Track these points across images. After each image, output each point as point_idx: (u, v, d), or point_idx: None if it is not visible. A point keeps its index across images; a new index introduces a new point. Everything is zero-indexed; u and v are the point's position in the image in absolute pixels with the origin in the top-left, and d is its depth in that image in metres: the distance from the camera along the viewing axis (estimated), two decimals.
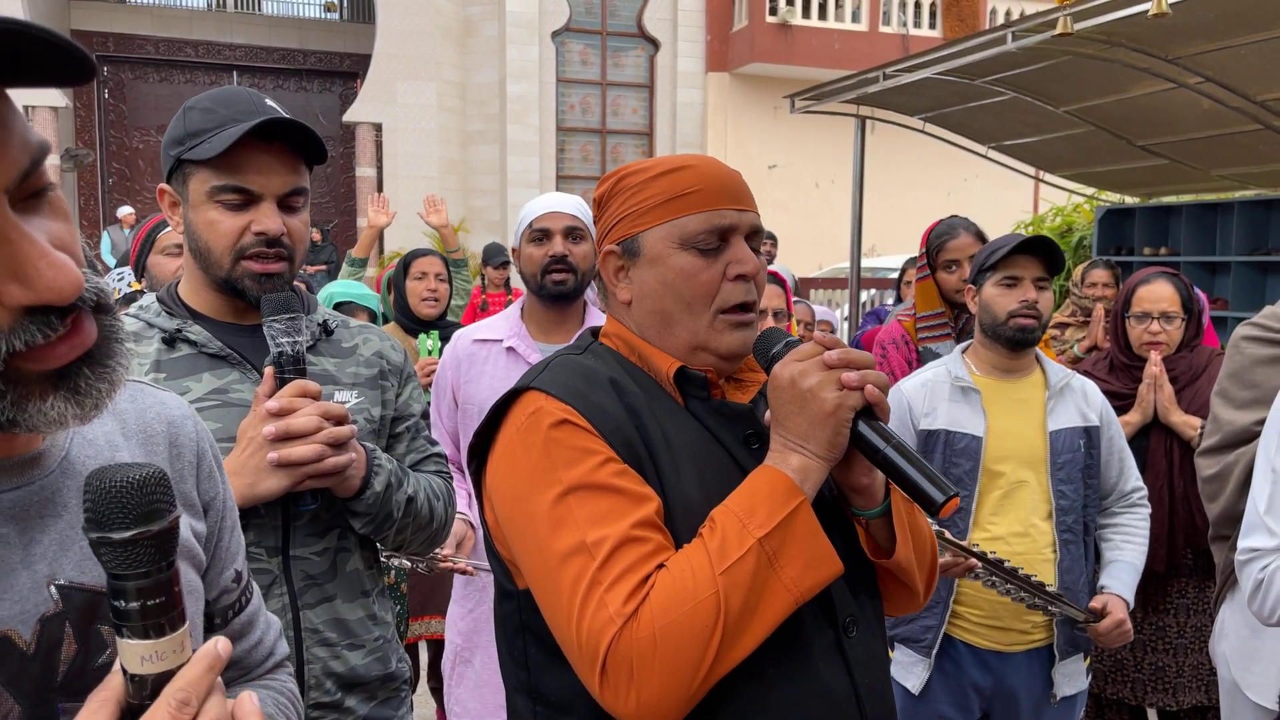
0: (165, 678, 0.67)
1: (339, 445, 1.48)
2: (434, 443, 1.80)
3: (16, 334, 0.63)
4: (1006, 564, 2.18)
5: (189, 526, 0.90)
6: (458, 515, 2.44)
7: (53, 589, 0.74)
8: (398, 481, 1.61)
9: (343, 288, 4.04)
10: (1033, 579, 2.20)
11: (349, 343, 1.70)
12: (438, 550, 2.36)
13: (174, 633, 0.68)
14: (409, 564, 2.41)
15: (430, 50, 15.72)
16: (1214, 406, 2.21)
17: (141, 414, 0.88)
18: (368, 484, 1.55)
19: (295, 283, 1.65)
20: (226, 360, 1.55)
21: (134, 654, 0.66)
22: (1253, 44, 4.72)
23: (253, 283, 1.52)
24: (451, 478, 1.83)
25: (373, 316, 3.89)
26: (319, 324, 1.66)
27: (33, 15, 13.80)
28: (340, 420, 1.49)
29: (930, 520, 1.32)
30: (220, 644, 0.69)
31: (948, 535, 2.16)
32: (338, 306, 3.77)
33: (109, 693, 0.67)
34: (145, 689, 0.67)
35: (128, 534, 0.65)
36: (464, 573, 2.40)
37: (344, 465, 1.49)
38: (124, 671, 0.67)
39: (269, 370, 1.48)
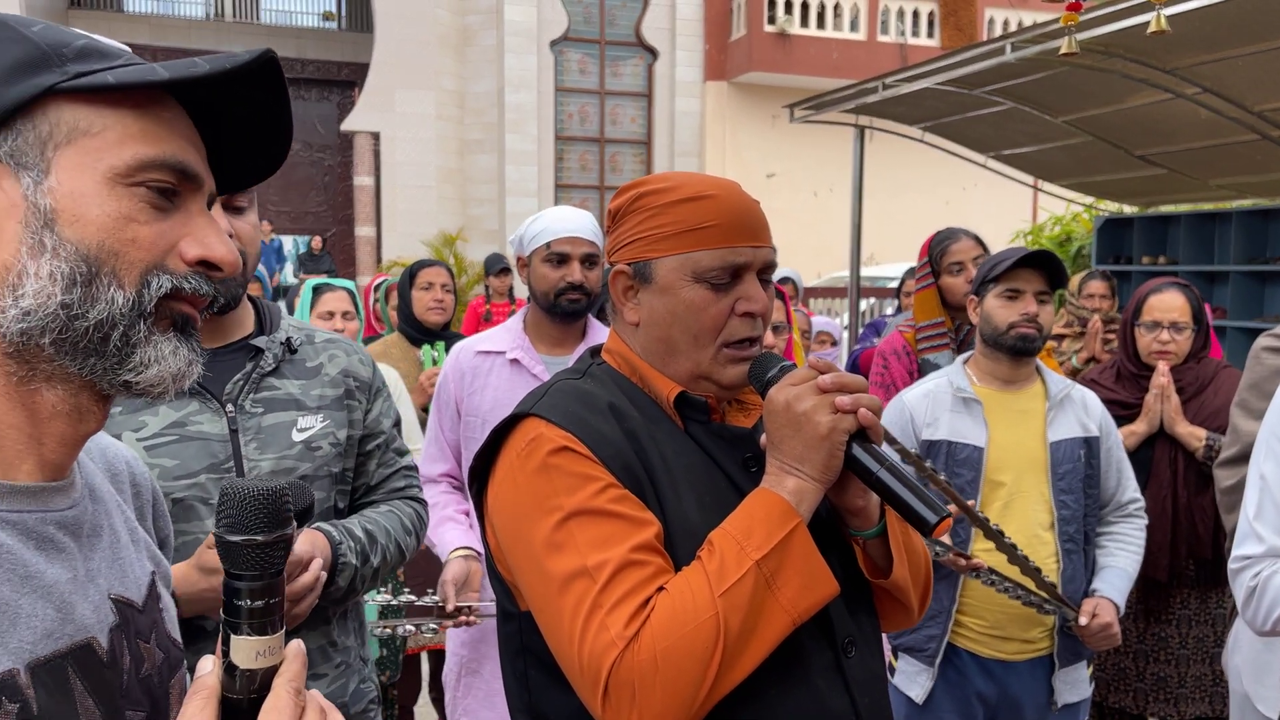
0: (271, 672, 0.72)
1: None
2: (403, 453, 1.78)
3: (188, 279, 0.77)
4: (1007, 539, 2.19)
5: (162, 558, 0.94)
6: (462, 552, 2.42)
7: (111, 602, 0.79)
8: (363, 559, 1.57)
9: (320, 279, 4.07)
10: (1031, 563, 2.21)
11: (314, 361, 1.62)
12: (443, 600, 2.31)
13: (280, 631, 0.73)
14: (413, 628, 2.35)
15: (428, 59, 15.76)
16: (1233, 417, 2.21)
17: (104, 452, 0.92)
18: (332, 580, 1.51)
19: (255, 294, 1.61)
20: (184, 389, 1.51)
21: (250, 649, 0.71)
22: (1249, 55, 4.75)
23: None
24: (422, 493, 1.81)
25: (351, 295, 3.88)
26: (282, 343, 1.58)
27: None
28: (311, 586, 1.44)
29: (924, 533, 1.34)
30: (300, 644, 0.75)
31: (965, 502, 2.16)
32: (316, 289, 3.77)
33: (206, 692, 0.71)
34: (254, 683, 0.72)
35: (271, 536, 0.71)
36: (469, 624, 2.34)
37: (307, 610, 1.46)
38: (233, 669, 0.71)
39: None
